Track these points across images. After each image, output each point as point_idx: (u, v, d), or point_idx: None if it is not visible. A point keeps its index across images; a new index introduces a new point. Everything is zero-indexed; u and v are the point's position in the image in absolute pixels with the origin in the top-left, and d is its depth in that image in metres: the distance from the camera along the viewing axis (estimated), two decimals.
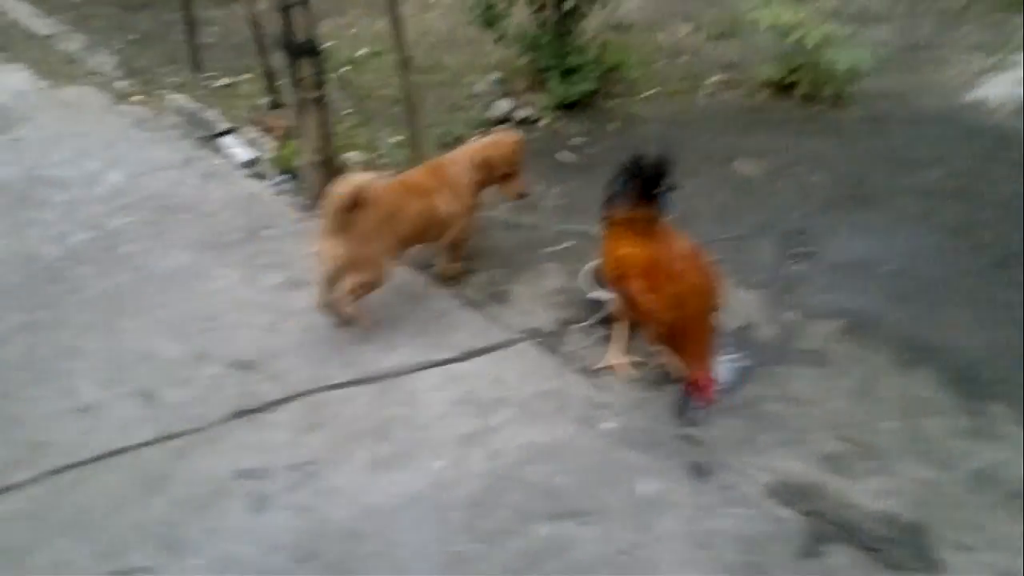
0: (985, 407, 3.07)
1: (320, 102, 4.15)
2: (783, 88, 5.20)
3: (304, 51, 4.01)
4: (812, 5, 5.11)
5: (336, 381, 3.29)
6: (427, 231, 3.57)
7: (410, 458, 2.97)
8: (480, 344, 3.44)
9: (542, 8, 5.16)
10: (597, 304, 3.51)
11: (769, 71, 5.22)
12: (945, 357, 3.28)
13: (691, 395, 2.95)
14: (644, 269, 3.00)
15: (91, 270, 3.92)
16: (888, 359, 3.29)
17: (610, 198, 3.12)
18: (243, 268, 3.92)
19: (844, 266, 3.82)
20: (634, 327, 3.28)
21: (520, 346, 3.45)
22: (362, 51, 5.99)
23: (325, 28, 5.42)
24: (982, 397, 3.10)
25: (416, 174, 3.65)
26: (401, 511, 2.77)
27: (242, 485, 2.87)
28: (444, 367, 3.35)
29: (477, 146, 3.67)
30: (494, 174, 3.63)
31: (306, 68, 4.04)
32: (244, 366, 3.37)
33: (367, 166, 4.55)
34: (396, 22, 4.23)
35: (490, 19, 4.97)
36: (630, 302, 3.07)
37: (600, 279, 3.42)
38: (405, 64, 4.32)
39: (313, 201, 4.34)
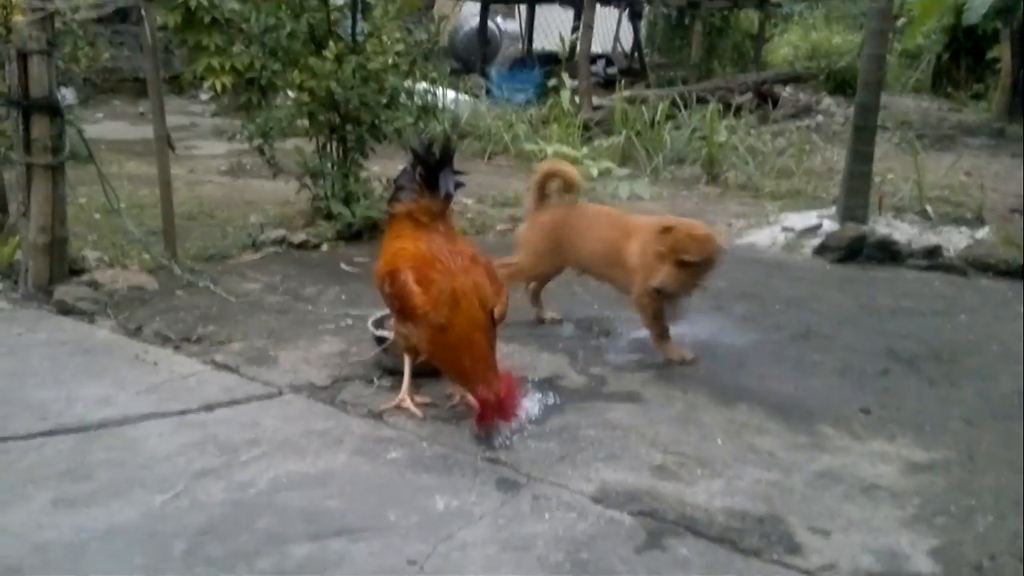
0: (812, 428, 2.75)
1: (54, 170, 3.57)
2: None
3: (40, 107, 3.49)
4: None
5: (19, 433, 2.43)
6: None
7: (116, 496, 2.14)
8: (230, 397, 2.74)
9: (325, 146, 5.02)
10: (383, 343, 2.97)
11: None
12: (763, 395, 3.00)
13: (488, 420, 2.47)
14: (417, 261, 2.59)
15: None
16: (706, 397, 2.95)
17: (395, 191, 2.77)
18: None
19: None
20: (421, 363, 2.75)
21: (285, 397, 2.78)
22: (122, 204, 5.45)
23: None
24: (807, 421, 2.80)
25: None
26: (92, 544, 1.92)
27: None
28: (178, 417, 2.60)
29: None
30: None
31: (40, 128, 3.50)
32: None
33: (108, 262, 3.90)
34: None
35: (266, 135, 4.71)
36: (401, 302, 2.59)
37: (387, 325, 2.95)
38: (164, 145, 3.90)
39: (38, 290, 3.58)
